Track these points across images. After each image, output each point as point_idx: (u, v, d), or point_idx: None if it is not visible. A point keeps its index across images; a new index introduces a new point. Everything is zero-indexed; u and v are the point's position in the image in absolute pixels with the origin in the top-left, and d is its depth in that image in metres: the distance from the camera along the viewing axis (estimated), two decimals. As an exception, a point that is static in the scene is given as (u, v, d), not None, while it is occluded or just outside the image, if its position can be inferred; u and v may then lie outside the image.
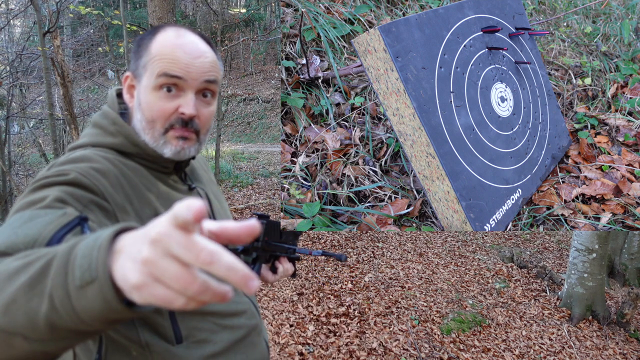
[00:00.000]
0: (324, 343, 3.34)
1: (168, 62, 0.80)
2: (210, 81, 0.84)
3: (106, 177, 0.76)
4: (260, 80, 19.54)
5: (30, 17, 11.86)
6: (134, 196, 0.79)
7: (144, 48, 0.84)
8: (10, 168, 8.64)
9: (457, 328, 3.76)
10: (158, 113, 0.82)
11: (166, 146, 0.83)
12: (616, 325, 4.17)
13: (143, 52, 0.84)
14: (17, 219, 0.63)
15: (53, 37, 6.21)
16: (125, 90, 0.88)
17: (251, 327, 0.94)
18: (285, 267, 1.02)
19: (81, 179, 0.72)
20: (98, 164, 0.77)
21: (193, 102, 0.82)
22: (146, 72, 0.83)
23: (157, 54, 0.82)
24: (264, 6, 19.32)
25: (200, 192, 0.95)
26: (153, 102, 0.82)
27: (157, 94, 0.81)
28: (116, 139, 0.84)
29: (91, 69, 19.08)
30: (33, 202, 0.67)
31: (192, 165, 1.00)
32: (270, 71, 20.17)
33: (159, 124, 0.82)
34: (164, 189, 0.86)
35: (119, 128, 0.84)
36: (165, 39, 0.83)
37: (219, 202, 1.03)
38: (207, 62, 0.84)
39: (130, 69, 0.87)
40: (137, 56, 0.85)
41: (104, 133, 0.85)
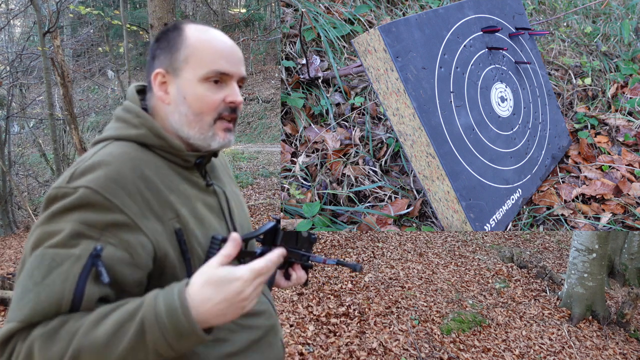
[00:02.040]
0: (324, 343, 3.34)
1: (215, 55, 0.84)
2: (244, 76, 0.89)
3: (122, 185, 0.75)
4: (260, 80, 19.54)
5: (30, 17, 11.86)
6: (154, 199, 0.79)
7: (178, 42, 0.85)
8: (10, 168, 8.63)
9: (457, 328, 3.76)
10: (208, 104, 0.84)
11: (214, 138, 0.86)
12: (616, 325, 4.17)
13: (179, 46, 0.85)
14: (36, 266, 0.69)
15: (53, 37, 6.22)
16: (156, 87, 0.87)
17: (269, 327, 0.95)
18: (298, 274, 1.03)
19: (94, 197, 0.72)
20: (115, 170, 0.76)
21: (238, 91, 0.87)
22: (188, 65, 0.84)
23: (199, 46, 0.84)
24: (264, 6, 19.31)
25: (217, 190, 0.94)
26: (202, 93, 0.84)
27: (205, 86, 0.84)
28: (140, 131, 0.84)
29: (91, 69, 19.08)
30: (49, 236, 0.71)
31: (212, 163, 1.00)
32: (270, 71, 20.17)
33: (208, 115, 0.85)
34: (183, 187, 0.86)
35: (142, 120, 0.84)
36: (201, 32, 0.86)
37: (238, 201, 1.03)
38: (241, 56, 0.89)
39: (161, 65, 0.86)
40: (170, 51, 0.86)
41: (127, 126, 0.85)
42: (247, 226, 1.02)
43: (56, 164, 7.80)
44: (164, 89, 0.87)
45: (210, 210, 0.89)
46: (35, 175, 10.73)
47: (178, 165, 0.87)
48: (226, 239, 0.81)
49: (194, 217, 0.84)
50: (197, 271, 0.70)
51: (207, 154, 0.90)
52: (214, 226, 0.87)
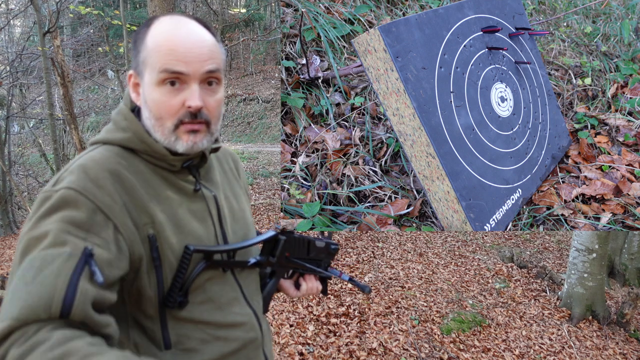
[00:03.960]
0: (324, 343, 3.34)
1: (167, 55, 0.77)
2: (212, 71, 0.81)
3: (101, 186, 0.75)
4: (260, 80, 19.54)
5: (30, 17, 11.86)
6: (131, 203, 0.77)
7: (141, 42, 0.81)
8: (10, 168, 8.63)
9: (457, 328, 3.76)
10: (165, 110, 0.80)
11: (178, 142, 0.81)
12: (616, 325, 4.17)
13: (140, 47, 0.81)
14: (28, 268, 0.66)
15: (53, 37, 6.21)
16: (131, 88, 0.85)
17: (248, 341, 0.90)
18: (309, 285, 0.98)
19: (74, 196, 0.72)
20: (94, 173, 0.75)
21: (198, 94, 0.79)
22: (146, 68, 0.80)
23: (153, 47, 0.79)
24: (264, 6, 19.31)
25: (207, 195, 0.89)
26: (158, 98, 0.79)
27: (161, 90, 0.79)
28: (125, 134, 0.83)
29: (91, 69, 19.08)
30: (37, 239, 0.69)
31: (208, 165, 0.94)
32: (270, 71, 20.17)
33: (168, 121, 0.80)
34: (166, 193, 0.83)
35: (129, 124, 0.84)
36: (159, 31, 0.80)
37: (237, 203, 0.97)
38: (206, 50, 0.80)
39: (132, 66, 0.85)
40: (135, 52, 0.83)
41: (116, 129, 0.85)
42: (244, 232, 0.95)
43: (56, 164, 7.80)
44: (137, 91, 0.84)
45: (194, 216, 0.85)
46: (35, 175, 10.73)
47: (164, 170, 0.84)
48: (199, 250, 0.80)
49: (173, 223, 0.81)
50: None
51: (196, 156, 0.86)
52: (196, 233, 0.83)
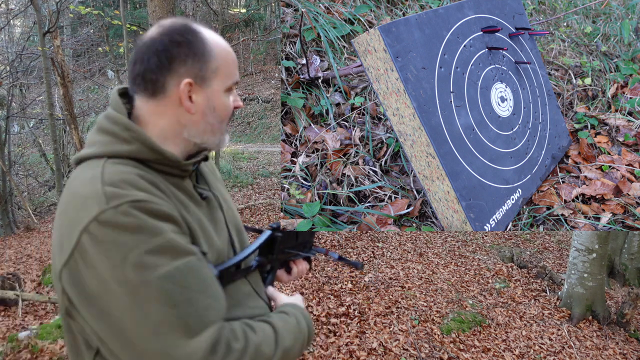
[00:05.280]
0: (324, 343, 3.34)
1: (233, 65, 0.88)
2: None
3: (157, 196, 0.75)
4: (260, 80, 19.54)
5: (30, 17, 11.85)
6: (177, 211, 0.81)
7: (207, 51, 0.83)
8: (10, 168, 8.63)
9: (457, 328, 3.76)
10: (229, 113, 0.89)
11: (223, 140, 0.90)
12: (616, 325, 4.17)
13: (208, 56, 0.83)
14: (183, 278, 0.70)
15: (53, 37, 6.22)
16: (184, 97, 0.83)
17: None
18: (299, 268, 1.05)
19: (150, 206, 0.72)
20: (144, 187, 0.75)
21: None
22: (217, 76, 0.85)
23: (223, 57, 0.86)
24: (264, 6, 19.31)
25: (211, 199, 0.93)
26: (228, 104, 0.88)
27: (228, 96, 0.88)
28: (132, 147, 0.79)
29: (91, 69, 19.07)
30: (161, 252, 0.69)
31: (200, 168, 0.97)
32: (270, 71, 20.17)
33: (225, 122, 0.89)
34: (187, 202, 0.85)
35: (133, 134, 0.79)
36: (216, 41, 0.86)
37: (227, 203, 1.01)
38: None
39: (188, 73, 0.82)
40: (199, 60, 0.83)
41: (116, 140, 0.79)
42: (240, 233, 1.00)
43: (56, 164, 7.80)
44: (190, 98, 0.84)
45: (213, 225, 0.89)
46: (35, 175, 10.73)
47: (174, 176, 0.85)
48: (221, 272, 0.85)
49: (201, 232, 0.83)
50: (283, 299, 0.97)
51: (200, 158, 0.90)
52: (217, 245, 0.86)
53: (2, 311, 3.73)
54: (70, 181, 0.78)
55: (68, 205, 0.74)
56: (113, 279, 0.67)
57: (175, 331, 0.67)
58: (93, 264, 0.67)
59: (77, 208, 0.71)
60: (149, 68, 0.81)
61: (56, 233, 0.75)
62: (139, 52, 0.83)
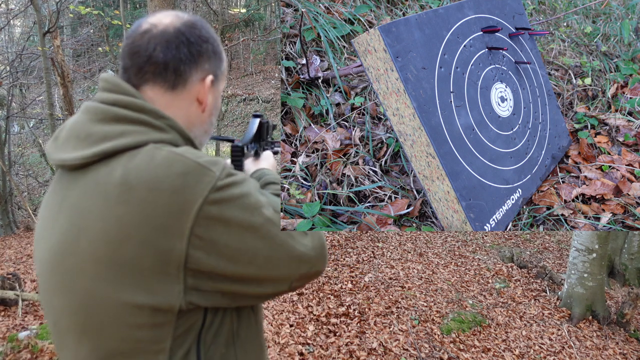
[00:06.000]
0: (324, 343, 3.34)
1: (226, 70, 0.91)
2: None
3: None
4: (260, 80, 19.53)
5: (30, 17, 11.85)
6: None
7: (220, 52, 0.86)
8: (10, 168, 8.63)
9: (457, 328, 3.76)
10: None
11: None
12: (616, 325, 4.17)
13: (221, 57, 0.86)
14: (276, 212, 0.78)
15: (53, 37, 6.22)
16: (205, 94, 0.81)
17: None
18: (266, 153, 1.16)
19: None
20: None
21: None
22: (223, 78, 0.88)
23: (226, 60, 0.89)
24: (264, 6, 19.30)
25: None
26: (220, 104, 0.90)
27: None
28: (169, 135, 0.74)
29: (91, 69, 19.07)
30: (257, 188, 0.79)
31: None
32: (270, 71, 20.17)
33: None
34: None
35: (168, 122, 0.74)
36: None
37: None
38: None
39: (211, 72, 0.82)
40: (218, 59, 0.83)
41: (151, 129, 0.72)
42: None
43: (56, 164, 7.79)
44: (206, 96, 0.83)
45: None
46: (35, 175, 10.73)
47: None
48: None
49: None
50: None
51: None
52: None
53: (2, 311, 3.73)
54: (123, 174, 0.67)
55: (150, 192, 0.66)
56: (253, 224, 0.71)
57: (293, 235, 0.78)
58: (229, 223, 0.69)
59: (176, 189, 0.66)
60: (179, 57, 0.76)
61: (125, 230, 0.66)
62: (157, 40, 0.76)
